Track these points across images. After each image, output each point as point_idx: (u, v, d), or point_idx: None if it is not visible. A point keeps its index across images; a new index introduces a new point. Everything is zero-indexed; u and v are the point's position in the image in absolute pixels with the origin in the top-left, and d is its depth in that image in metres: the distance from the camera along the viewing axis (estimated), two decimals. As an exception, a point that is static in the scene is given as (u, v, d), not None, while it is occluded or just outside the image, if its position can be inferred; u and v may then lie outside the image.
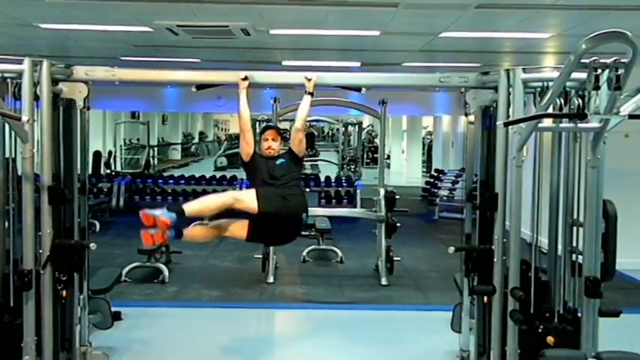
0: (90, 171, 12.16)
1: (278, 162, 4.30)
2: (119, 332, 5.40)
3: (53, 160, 3.90)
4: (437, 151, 19.99)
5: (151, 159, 19.80)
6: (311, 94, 4.18)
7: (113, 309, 5.17)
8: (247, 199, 4.01)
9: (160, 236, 3.93)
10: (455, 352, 4.78)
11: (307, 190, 11.81)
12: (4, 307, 3.76)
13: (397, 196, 7.83)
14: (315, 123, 26.64)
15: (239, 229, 4.18)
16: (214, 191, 13.09)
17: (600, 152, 3.55)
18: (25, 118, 3.48)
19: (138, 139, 21.69)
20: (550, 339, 3.64)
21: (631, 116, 3.32)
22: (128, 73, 4.38)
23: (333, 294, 7.12)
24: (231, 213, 4.15)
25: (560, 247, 3.89)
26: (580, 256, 3.68)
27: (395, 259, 7.59)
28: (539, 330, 3.69)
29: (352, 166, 19.25)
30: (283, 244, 4.72)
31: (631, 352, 3.33)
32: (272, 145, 4.33)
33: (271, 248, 7.46)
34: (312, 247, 8.64)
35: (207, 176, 14.00)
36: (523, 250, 3.83)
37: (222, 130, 37.97)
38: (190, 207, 4.03)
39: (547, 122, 3.61)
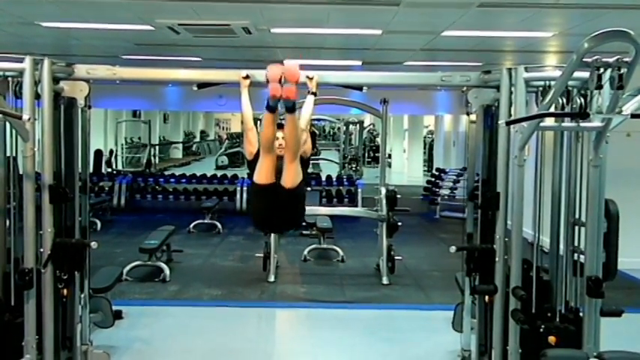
0: (91, 170, 12.22)
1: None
2: (120, 331, 5.40)
3: (54, 159, 3.89)
4: (438, 150, 19.98)
5: (152, 158, 19.81)
6: (314, 94, 4.16)
7: (114, 308, 5.17)
8: (261, 170, 3.97)
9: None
10: (456, 351, 4.77)
11: (308, 189, 11.82)
12: (5, 305, 3.75)
13: (398, 195, 7.83)
14: (316, 122, 26.60)
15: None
16: (216, 190, 13.11)
17: (602, 151, 3.55)
18: (26, 116, 3.47)
19: (139, 138, 21.69)
20: (552, 339, 3.64)
21: (633, 115, 3.31)
22: (129, 72, 4.37)
23: (334, 293, 7.12)
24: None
25: (562, 246, 3.88)
26: (582, 256, 3.68)
27: (396, 258, 7.59)
28: (541, 329, 3.69)
29: (353, 165, 19.26)
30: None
31: (633, 352, 3.32)
32: (282, 143, 4.17)
33: (272, 247, 7.45)
34: (313, 246, 8.64)
35: (209, 175, 14.00)
36: (525, 249, 3.82)
37: (223, 128, 37.98)
38: None
39: (549, 121, 3.61)
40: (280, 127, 4.33)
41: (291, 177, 3.92)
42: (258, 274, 7.49)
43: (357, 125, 20.17)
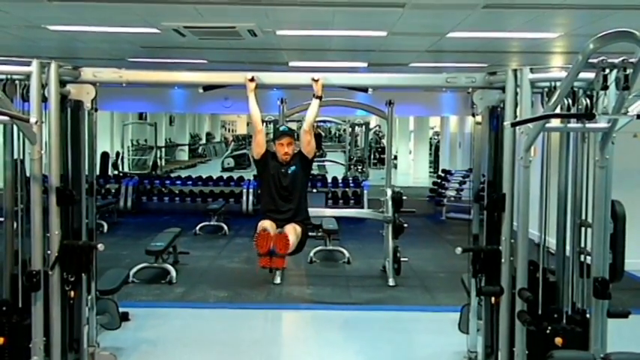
0: (98, 172, 12.26)
1: (290, 170, 4.31)
2: (127, 333, 5.42)
3: (61, 162, 3.92)
4: (444, 151, 19.94)
5: (158, 160, 19.86)
6: (319, 97, 4.19)
7: (121, 309, 5.19)
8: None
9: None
10: (462, 353, 4.76)
11: (314, 190, 11.82)
12: (12, 307, 3.78)
13: (404, 197, 7.81)
14: (322, 124, 26.63)
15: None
16: (222, 192, 13.14)
17: (608, 152, 3.54)
18: (33, 119, 3.49)
19: (145, 140, 21.75)
20: (558, 340, 3.63)
21: (639, 116, 3.30)
22: (135, 75, 4.40)
23: (340, 295, 7.11)
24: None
25: (568, 247, 3.87)
26: (588, 257, 3.67)
27: (402, 259, 7.58)
28: (548, 331, 3.68)
29: (359, 167, 19.25)
30: None
31: (639, 353, 3.31)
32: (288, 151, 4.33)
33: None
34: (319, 247, 8.64)
35: (215, 177, 14.02)
36: (531, 250, 3.82)
37: (229, 130, 38.05)
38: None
39: (555, 122, 3.60)
40: (284, 135, 4.38)
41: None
42: (264, 276, 7.48)
43: (363, 127, 20.14)
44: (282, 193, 4.31)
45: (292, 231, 4.12)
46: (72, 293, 4.01)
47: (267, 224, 4.12)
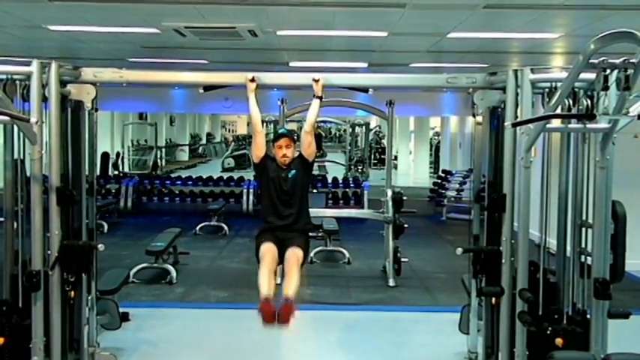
0: (98, 172, 12.25)
1: (290, 174, 4.26)
2: (127, 333, 5.42)
3: (61, 162, 3.92)
4: (444, 151, 19.95)
5: (158, 160, 19.85)
6: (320, 97, 4.17)
7: (121, 310, 5.19)
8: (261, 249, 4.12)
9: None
10: (463, 353, 4.76)
11: (314, 191, 11.82)
12: (12, 307, 3.78)
13: (404, 197, 7.81)
14: (322, 124, 26.64)
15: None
16: (222, 192, 13.13)
17: (609, 153, 3.54)
18: (33, 119, 3.49)
19: (146, 141, 21.75)
20: (559, 341, 3.63)
21: (640, 117, 3.30)
22: (136, 75, 4.39)
23: (341, 295, 7.11)
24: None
25: (568, 248, 3.87)
26: (589, 258, 3.67)
27: (402, 260, 7.57)
28: (548, 332, 3.68)
29: (359, 167, 19.26)
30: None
31: (640, 354, 3.31)
32: (287, 153, 4.27)
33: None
34: (320, 248, 8.64)
35: (215, 177, 14.03)
36: (531, 251, 3.81)
37: (229, 131, 38.09)
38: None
39: (555, 123, 3.60)
40: (282, 136, 4.36)
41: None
42: (264, 276, 7.48)
43: (363, 127, 20.15)
44: (283, 197, 4.25)
45: (294, 261, 4.04)
46: (72, 293, 4.01)
47: (267, 260, 4.03)
